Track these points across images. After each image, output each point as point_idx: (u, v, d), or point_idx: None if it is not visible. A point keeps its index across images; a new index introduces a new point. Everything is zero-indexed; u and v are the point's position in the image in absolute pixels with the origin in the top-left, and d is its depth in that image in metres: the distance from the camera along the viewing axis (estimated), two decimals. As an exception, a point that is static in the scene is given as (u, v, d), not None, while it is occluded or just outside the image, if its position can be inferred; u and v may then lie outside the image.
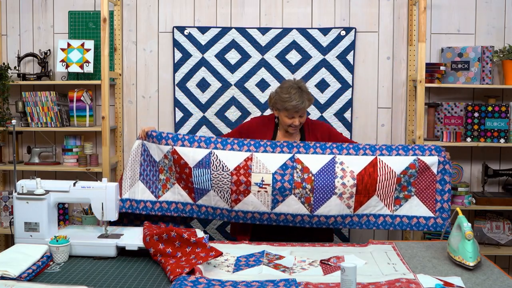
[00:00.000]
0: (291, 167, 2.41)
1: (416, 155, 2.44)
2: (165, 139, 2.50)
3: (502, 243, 3.30)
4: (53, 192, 2.19)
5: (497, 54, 3.27)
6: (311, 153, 2.45)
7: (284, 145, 2.48)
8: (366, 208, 2.44)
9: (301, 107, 2.54)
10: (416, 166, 2.42)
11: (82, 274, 1.92)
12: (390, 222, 2.46)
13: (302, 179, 2.39)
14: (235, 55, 3.46)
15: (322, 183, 2.39)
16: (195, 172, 2.45)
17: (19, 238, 2.16)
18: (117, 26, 3.49)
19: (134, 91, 3.57)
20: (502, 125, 3.20)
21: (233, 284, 1.77)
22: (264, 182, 2.40)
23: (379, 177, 2.40)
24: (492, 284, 1.82)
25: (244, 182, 2.41)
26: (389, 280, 1.82)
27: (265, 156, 2.43)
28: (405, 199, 2.46)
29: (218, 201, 2.48)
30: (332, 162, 2.42)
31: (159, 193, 2.54)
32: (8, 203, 3.46)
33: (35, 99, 3.37)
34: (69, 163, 3.42)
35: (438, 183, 2.44)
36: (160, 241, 2.05)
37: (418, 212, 2.45)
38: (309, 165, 2.42)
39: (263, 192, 2.40)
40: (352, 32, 3.42)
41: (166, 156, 2.50)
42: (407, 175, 2.43)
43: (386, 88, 3.49)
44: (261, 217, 2.46)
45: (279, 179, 2.40)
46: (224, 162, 2.43)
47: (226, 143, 2.49)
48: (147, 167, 2.55)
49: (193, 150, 2.47)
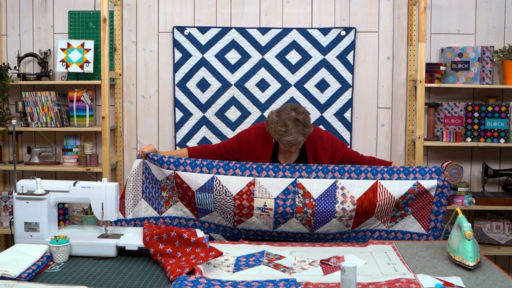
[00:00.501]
0: (293, 192, 2.43)
1: (416, 179, 2.46)
2: (167, 164, 2.49)
3: (502, 243, 3.30)
4: (53, 192, 2.19)
5: (497, 54, 3.27)
6: (313, 177, 2.46)
7: (286, 168, 2.47)
8: (364, 226, 2.51)
9: (295, 144, 2.37)
10: (415, 191, 2.45)
11: (82, 274, 1.91)
12: (385, 236, 2.52)
13: (304, 204, 2.42)
14: (235, 55, 3.46)
15: (323, 208, 2.42)
16: (198, 196, 2.48)
17: (19, 238, 2.16)
18: (117, 26, 3.49)
19: (134, 91, 3.57)
20: (502, 125, 3.20)
21: (233, 284, 1.77)
22: (266, 207, 2.43)
23: (378, 201, 2.43)
24: (492, 284, 1.82)
25: (247, 207, 2.44)
26: (389, 280, 1.82)
27: (267, 181, 2.44)
28: (401, 217, 2.52)
29: (221, 220, 2.53)
30: (333, 187, 2.44)
31: (161, 209, 2.56)
32: (8, 203, 3.46)
33: (35, 99, 3.37)
34: (69, 163, 3.42)
35: (434, 204, 2.48)
36: (160, 241, 2.05)
37: (412, 229, 2.51)
38: (311, 190, 2.43)
39: (265, 215, 2.44)
40: (352, 32, 3.43)
41: (168, 178, 2.51)
42: (406, 199, 2.47)
43: (386, 88, 3.49)
44: (263, 234, 2.52)
45: (281, 204, 2.42)
46: (226, 188, 2.44)
47: (228, 168, 2.48)
48: (149, 185, 2.56)
49: (195, 175, 2.47)
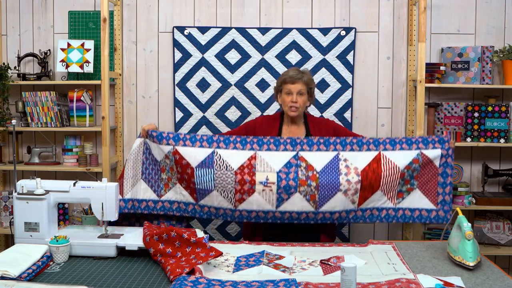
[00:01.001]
0: (295, 165, 2.40)
1: (419, 149, 2.44)
2: (166, 139, 2.48)
3: (502, 243, 3.30)
4: (53, 192, 2.19)
5: (497, 54, 3.27)
6: (315, 150, 2.44)
7: (287, 142, 2.47)
8: (370, 202, 2.45)
9: (298, 78, 2.60)
10: (419, 161, 2.42)
11: (82, 274, 1.92)
12: (393, 215, 2.46)
13: (307, 177, 2.38)
14: (235, 55, 3.46)
15: (327, 180, 2.38)
16: (197, 173, 2.43)
17: (19, 238, 2.16)
18: (117, 26, 3.49)
19: (134, 91, 3.57)
20: (502, 125, 3.20)
21: (233, 284, 1.77)
22: (269, 181, 2.39)
23: (383, 172, 2.40)
24: (492, 284, 1.82)
25: (248, 181, 2.39)
26: (389, 280, 1.82)
27: (269, 155, 2.43)
28: (407, 192, 2.47)
29: (221, 201, 2.46)
30: (336, 159, 2.42)
31: (161, 192, 2.51)
32: (8, 203, 3.46)
33: (35, 99, 3.37)
34: (69, 163, 3.42)
35: (440, 176, 2.44)
36: (160, 241, 2.05)
37: (420, 205, 2.46)
38: (313, 163, 2.41)
39: (268, 191, 2.39)
40: (352, 32, 3.43)
41: (167, 156, 2.48)
42: (411, 170, 2.44)
43: (386, 88, 3.49)
44: (266, 215, 2.44)
45: (283, 177, 2.38)
46: (227, 162, 2.42)
47: (229, 142, 2.47)
48: (149, 166, 2.53)
49: (195, 150, 2.45)
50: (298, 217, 2.43)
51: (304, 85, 2.63)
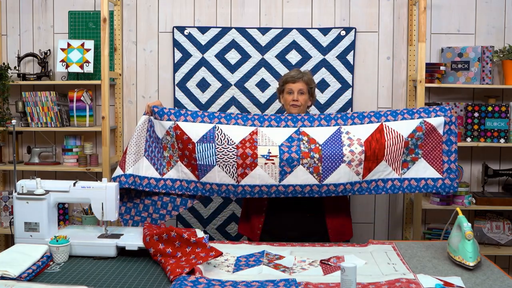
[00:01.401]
0: (297, 139, 2.39)
1: (422, 118, 2.43)
2: (167, 115, 2.46)
3: (502, 243, 3.30)
4: (53, 192, 2.19)
5: (497, 54, 3.27)
6: (316, 126, 2.44)
7: (288, 118, 2.47)
8: (375, 173, 2.43)
9: (298, 77, 2.65)
10: (423, 129, 2.41)
11: (82, 274, 1.91)
12: (398, 186, 2.44)
13: (310, 149, 2.37)
14: (235, 55, 3.46)
15: (330, 151, 2.37)
16: (198, 148, 2.40)
17: (19, 238, 2.16)
18: (117, 26, 3.50)
19: (134, 91, 3.57)
20: (502, 125, 3.20)
21: (233, 284, 1.77)
22: (271, 154, 2.36)
23: (387, 141, 2.39)
24: (492, 284, 1.82)
25: (250, 155, 2.37)
26: (389, 280, 1.82)
27: (270, 130, 2.43)
28: (412, 161, 2.45)
29: (224, 177, 2.42)
30: (338, 133, 2.41)
31: (163, 170, 2.49)
32: (8, 203, 3.46)
33: (35, 99, 3.37)
34: (69, 163, 3.42)
35: (445, 143, 2.43)
36: (160, 241, 2.05)
37: (425, 174, 2.44)
38: (315, 136, 2.40)
39: (270, 164, 2.36)
40: (352, 32, 3.43)
41: (168, 133, 2.45)
42: (415, 138, 2.42)
43: (386, 88, 3.49)
44: (269, 190, 2.41)
45: (286, 150, 2.37)
46: (228, 136, 2.40)
47: (230, 118, 2.46)
48: (152, 143, 2.52)
49: (196, 125, 2.43)
50: (302, 190, 2.40)
51: (304, 84, 2.66)
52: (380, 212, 3.55)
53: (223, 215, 3.53)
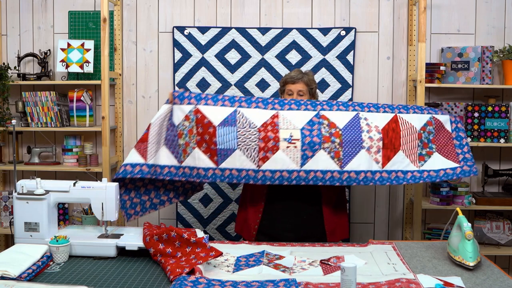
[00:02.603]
0: (318, 123, 2.40)
1: (430, 114, 2.51)
2: (188, 98, 2.43)
3: (502, 243, 3.30)
4: (53, 192, 2.19)
5: (497, 54, 3.27)
6: (334, 110, 2.46)
7: (308, 103, 2.48)
8: (394, 164, 2.44)
9: (298, 78, 2.65)
10: (432, 123, 2.48)
11: (82, 274, 1.92)
12: (418, 176, 2.46)
13: (330, 134, 2.39)
14: (235, 55, 3.46)
15: (350, 137, 2.39)
16: (219, 131, 2.37)
17: (19, 238, 2.16)
18: (117, 26, 3.50)
19: (134, 91, 3.57)
20: (502, 125, 3.20)
21: (233, 284, 1.77)
22: (293, 137, 2.36)
23: (402, 131, 2.44)
24: (492, 284, 1.82)
25: (272, 138, 2.36)
26: (389, 280, 1.82)
27: (291, 114, 2.42)
28: (428, 155, 2.49)
29: (244, 161, 2.37)
30: (356, 118, 2.44)
31: (181, 158, 2.45)
32: (8, 203, 3.46)
33: (35, 99, 3.37)
34: (69, 163, 3.42)
35: (455, 139, 2.49)
36: (160, 241, 2.05)
37: (443, 166, 2.47)
38: (335, 120, 2.42)
39: (292, 147, 2.36)
40: (352, 32, 3.43)
41: (187, 117, 2.41)
42: (426, 132, 2.48)
43: (386, 88, 3.49)
44: (290, 176, 2.37)
45: (307, 134, 2.37)
46: (250, 120, 2.39)
47: (251, 102, 2.45)
48: (171, 132, 2.49)
49: (217, 109, 2.40)
50: (323, 177, 2.37)
51: (305, 85, 2.66)
52: (380, 212, 3.55)
53: (223, 215, 3.53)
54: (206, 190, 3.52)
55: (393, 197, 3.55)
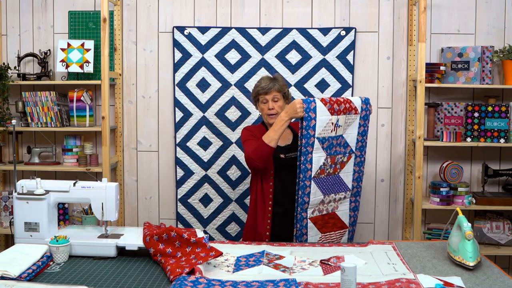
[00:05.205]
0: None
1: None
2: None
3: (502, 243, 3.30)
4: (53, 192, 2.19)
5: (497, 54, 3.27)
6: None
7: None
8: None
9: (270, 88, 2.66)
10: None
11: (82, 274, 1.92)
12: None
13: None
14: (235, 55, 3.46)
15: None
16: None
17: (19, 238, 2.16)
18: (117, 26, 3.50)
19: (134, 91, 3.57)
20: (502, 125, 3.20)
21: (233, 284, 1.77)
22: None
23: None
24: (492, 284, 1.82)
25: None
26: (389, 280, 1.82)
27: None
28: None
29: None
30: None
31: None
32: (8, 203, 3.46)
33: (35, 99, 3.37)
34: (69, 163, 3.42)
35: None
36: (160, 241, 2.05)
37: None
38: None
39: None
40: (352, 32, 3.43)
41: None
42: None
43: (386, 88, 3.49)
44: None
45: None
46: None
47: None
48: None
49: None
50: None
51: (277, 92, 2.67)
52: (380, 212, 3.55)
53: (223, 215, 3.53)
54: (206, 190, 3.52)
55: (393, 197, 3.55)
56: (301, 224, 2.48)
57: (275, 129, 2.46)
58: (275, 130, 2.46)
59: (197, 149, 3.50)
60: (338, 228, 2.62)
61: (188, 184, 3.52)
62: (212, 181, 3.51)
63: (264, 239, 2.58)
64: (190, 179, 3.52)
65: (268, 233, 2.60)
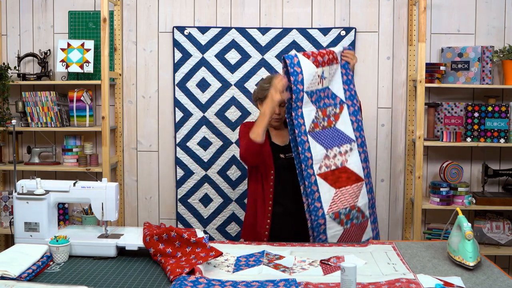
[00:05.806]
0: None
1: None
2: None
3: (502, 243, 3.30)
4: (53, 192, 2.19)
5: (497, 54, 3.27)
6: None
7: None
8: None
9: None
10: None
11: (82, 274, 1.92)
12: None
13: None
14: (235, 55, 3.46)
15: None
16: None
17: (19, 238, 2.16)
18: (117, 26, 3.50)
19: (134, 91, 3.57)
20: (502, 125, 3.20)
21: (233, 284, 1.77)
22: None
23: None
24: (492, 284, 1.82)
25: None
26: (389, 280, 1.82)
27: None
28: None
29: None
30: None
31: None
32: (8, 203, 3.46)
33: (35, 99, 3.37)
34: (69, 163, 3.42)
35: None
36: (160, 241, 2.05)
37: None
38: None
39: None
40: (352, 32, 3.42)
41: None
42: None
43: (386, 88, 3.49)
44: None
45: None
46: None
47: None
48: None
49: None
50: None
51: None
52: (380, 212, 3.54)
53: (223, 215, 3.53)
54: (206, 190, 3.52)
55: (393, 197, 3.55)
56: (309, 181, 2.44)
57: (257, 124, 2.45)
58: (257, 125, 2.44)
59: (197, 149, 3.50)
60: (354, 181, 2.55)
61: (188, 184, 3.52)
62: (212, 181, 3.51)
63: (263, 239, 2.58)
64: (190, 179, 3.52)
65: (267, 233, 2.59)
